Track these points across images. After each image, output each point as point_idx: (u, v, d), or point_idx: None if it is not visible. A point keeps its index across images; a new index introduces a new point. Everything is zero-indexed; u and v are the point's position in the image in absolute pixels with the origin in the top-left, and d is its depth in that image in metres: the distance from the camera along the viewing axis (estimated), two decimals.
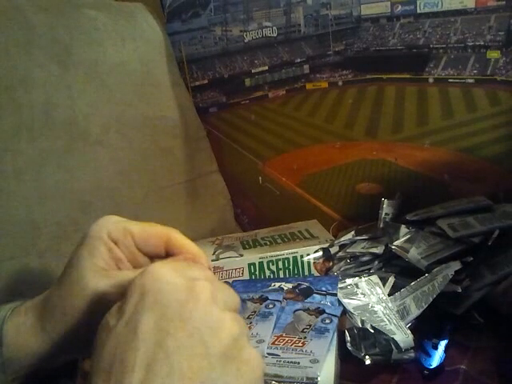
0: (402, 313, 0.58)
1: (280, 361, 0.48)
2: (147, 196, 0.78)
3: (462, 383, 0.50)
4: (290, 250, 0.70)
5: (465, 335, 0.57)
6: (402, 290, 0.60)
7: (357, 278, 0.64)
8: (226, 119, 0.92)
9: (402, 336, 0.53)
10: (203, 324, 0.27)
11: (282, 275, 0.70)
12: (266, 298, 0.59)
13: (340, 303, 0.58)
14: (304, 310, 0.56)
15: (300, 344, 0.50)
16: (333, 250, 0.71)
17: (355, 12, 0.81)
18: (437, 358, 0.53)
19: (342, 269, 0.69)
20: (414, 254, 0.63)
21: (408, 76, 0.81)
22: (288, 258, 0.70)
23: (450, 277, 0.58)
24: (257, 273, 0.70)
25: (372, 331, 0.55)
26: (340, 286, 0.62)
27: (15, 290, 0.59)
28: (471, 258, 0.61)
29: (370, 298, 0.60)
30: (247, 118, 0.91)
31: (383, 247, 0.69)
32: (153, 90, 0.81)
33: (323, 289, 0.60)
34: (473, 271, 0.61)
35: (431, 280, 0.59)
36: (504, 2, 0.71)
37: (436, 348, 0.54)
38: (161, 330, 0.26)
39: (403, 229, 0.69)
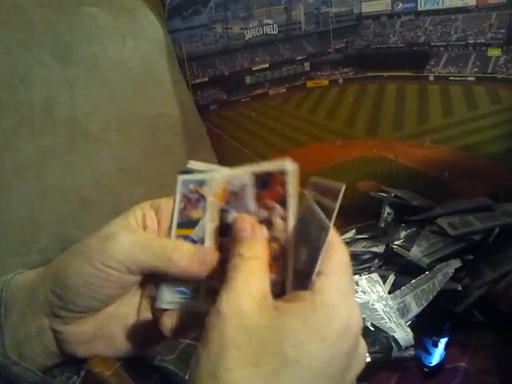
0: (402, 311, 0.58)
1: None
2: (148, 193, 0.78)
3: (462, 381, 0.51)
4: None
5: (465, 333, 0.57)
6: (402, 288, 0.60)
7: (357, 275, 0.64)
8: (226, 117, 0.92)
9: (402, 334, 0.54)
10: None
11: None
12: None
13: None
14: None
15: None
16: None
17: (356, 9, 0.81)
18: (437, 355, 0.53)
19: None
20: (415, 252, 0.63)
21: (409, 74, 0.81)
22: None
23: (450, 275, 0.59)
24: None
25: (372, 329, 0.55)
26: None
27: None
28: (471, 256, 0.61)
29: (370, 296, 0.60)
30: (248, 115, 0.91)
31: (384, 246, 0.69)
32: (153, 87, 0.81)
33: None
34: (473, 269, 0.61)
35: (431, 278, 0.59)
36: (505, 0, 0.70)
37: (436, 346, 0.54)
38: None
39: (404, 228, 0.69)
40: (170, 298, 0.33)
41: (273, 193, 0.31)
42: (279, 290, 0.28)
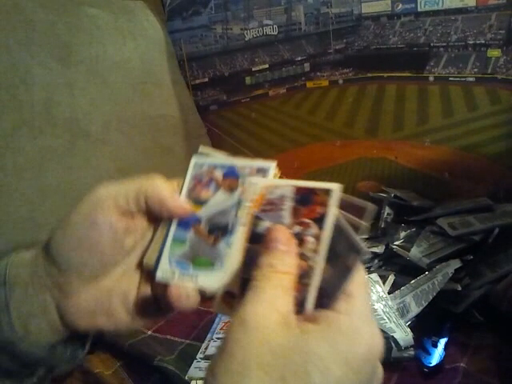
0: (402, 311, 0.58)
1: None
2: None
3: (461, 381, 0.50)
4: None
5: (464, 333, 0.57)
6: (401, 288, 0.60)
7: None
8: (226, 117, 0.92)
9: (402, 334, 0.53)
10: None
11: None
12: None
13: None
14: None
15: None
16: None
17: (356, 10, 0.81)
18: (436, 356, 0.53)
19: None
20: (415, 252, 0.63)
21: (409, 74, 0.81)
22: None
23: (450, 275, 0.59)
24: None
25: None
26: None
27: None
28: (471, 257, 0.61)
29: (370, 296, 0.60)
30: (248, 116, 0.91)
31: (383, 246, 0.69)
32: (153, 88, 0.81)
33: None
34: (473, 269, 0.61)
35: (431, 278, 0.59)
36: (505, 1, 0.71)
37: (436, 346, 0.54)
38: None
39: (404, 228, 0.69)
40: (169, 269, 0.33)
41: (311, 211, 0.30)
42: (296, 310, 0.28)
